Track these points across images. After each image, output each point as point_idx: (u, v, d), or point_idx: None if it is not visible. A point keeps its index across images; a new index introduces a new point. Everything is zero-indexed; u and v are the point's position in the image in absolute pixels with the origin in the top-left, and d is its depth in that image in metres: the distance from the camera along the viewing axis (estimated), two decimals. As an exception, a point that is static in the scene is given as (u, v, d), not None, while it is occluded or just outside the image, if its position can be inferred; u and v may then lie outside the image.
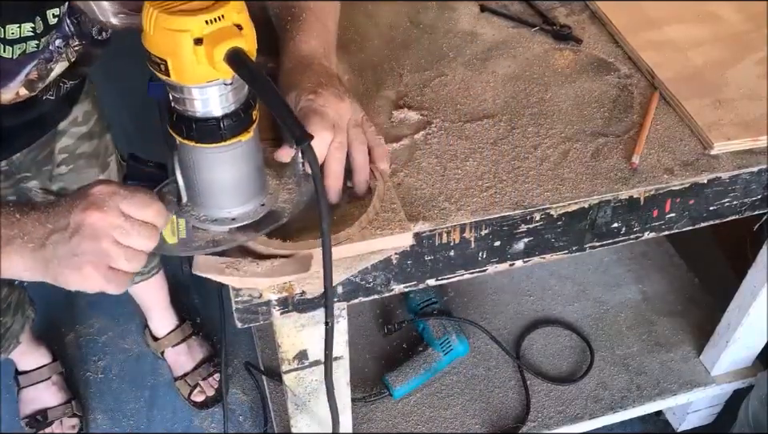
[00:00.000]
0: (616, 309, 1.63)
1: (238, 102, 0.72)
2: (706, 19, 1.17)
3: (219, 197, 0.78)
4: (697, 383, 1.50)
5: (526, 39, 1.15)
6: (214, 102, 0.70)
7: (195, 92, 0.70)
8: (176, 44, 0.65)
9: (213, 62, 0.65)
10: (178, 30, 0.65)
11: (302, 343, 0.94)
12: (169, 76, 0.67)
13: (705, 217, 0.99)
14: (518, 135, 0.98)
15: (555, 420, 1.44)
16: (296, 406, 1.04)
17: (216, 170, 0.76)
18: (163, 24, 0.65)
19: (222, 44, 0.65)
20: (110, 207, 0.71)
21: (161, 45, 0.66)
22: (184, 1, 0.66)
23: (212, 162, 0.75)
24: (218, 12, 0.65)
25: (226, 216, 0.79)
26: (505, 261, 0.93)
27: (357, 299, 0.89)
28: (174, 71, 0.67)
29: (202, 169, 0.76)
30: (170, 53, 0.66)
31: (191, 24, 0.65)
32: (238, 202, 0.79)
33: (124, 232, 0.71)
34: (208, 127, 0.72)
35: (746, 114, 1.00)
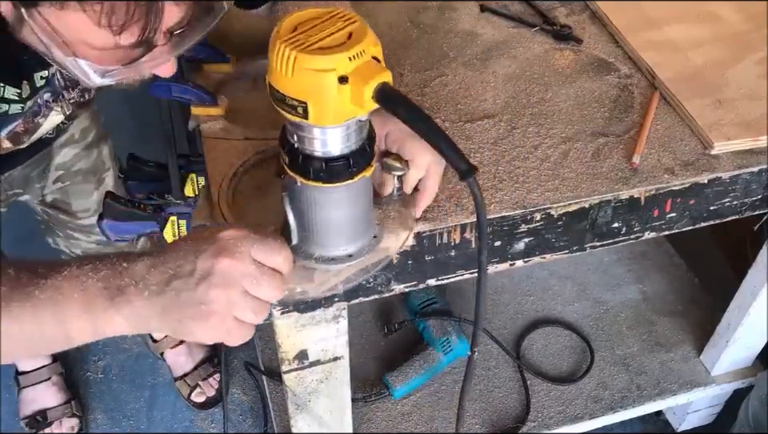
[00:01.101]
0: (616, 309, 1.63)
1: (363, 137, 0.69)
2: (706, 19, 1.17)
3: (338, 235, 0.76)
4: (697, 383, 1.50)
5: (526, 39, 1.15)
6: (345, 140, 0.67)
7: (330, 132, 0.66)
8: (320, 85, 0.61)
9: (360, 101, 0.62)
10: (322, 70, 0.60)
11: (302, 343, 0.94)
12: (307, 119, 0.63)
13: (705, 217, 0.99)
14: (518, 135, 0.98)
15: (555, 420, 1.44)
16: (296, 406, 1.04)
17: (339, 208, 0.73)
18: (305, 64, 0.60)
19: (371, 81, 0.61)
20: (242, 254, 0.66)
21: (301, 86, 0.61)
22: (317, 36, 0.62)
23: (336, 200, 0.72)
24: (359, 47, 0.61)
25: (343, 253, 0.77)
26: (505, 261, 0.93)
27: (357, 299, 0.89)
28: (315, 113, 0.62)
29: (324, 208, 0.73)
30: (312, 94, 0.61)
31: (336, 62, 0.60)
32: (357, 238, 0.77)
33: (254, 282, 0.66)
34: (338, 167, 0.68)
35: (746, 114, 1.00)
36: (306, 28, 0.63)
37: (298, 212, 0.74)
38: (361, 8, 1.19)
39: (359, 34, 0.63)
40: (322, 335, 0.94)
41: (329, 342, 0.96)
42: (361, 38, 0.62)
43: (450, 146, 0.64)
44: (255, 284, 0.67)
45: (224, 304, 0.66)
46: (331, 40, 0.62)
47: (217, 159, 0.93)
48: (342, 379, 1.03)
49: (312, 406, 1.05)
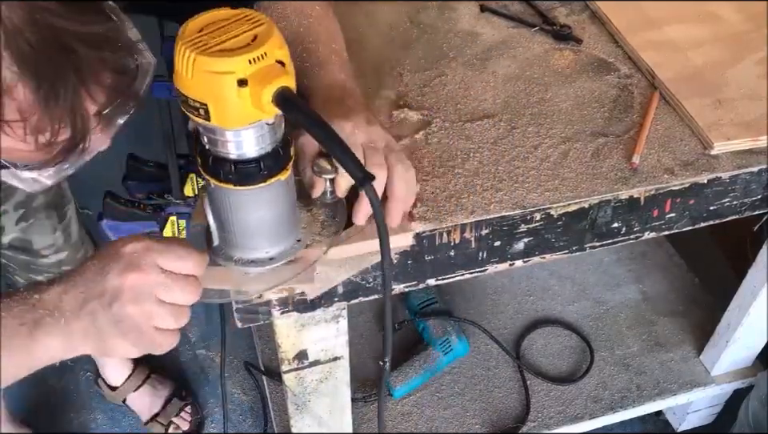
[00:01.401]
0: (616, 309, 1.63)
1: (275, 141, 0.68)
2: (706, 19, 1.17)
3: (257, 238, 0.75)
4: (697, 383, 1.50)
5: (526, 39, 1.15)
6: (253, 143, 0.66)
7: (235, 134, 0.65)
8: (219, 87, 0.60)
9: (260, 104, 0.61)
10: (220, 73, 0.60)
11: (301, 343, 0.94)
12: (209, 120, 0.62)
13: (705, 217, 0.99)
14: (518, 135, 0.98)
15: (555, 420, 1.44)
16: (296, 406, 1.04)
17: (255, 211, 0.72)
18: (203, 66, 0.60)
19: (270, 85, 0.61)
20: (148, 265, 0.66)
21: (200, 88, 0.61)
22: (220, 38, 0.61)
23: (251, 203, 0.71)
24: (260, 50, 0.61)
25: (264, 256, 0.76)
26: (505, 261, 0.93)
27: (357, 299, 0.89)
28: (216, 115, 0.62)
29: (240, 211, 0.72)
30: (212, 96, 0.61)
31: (235, 65, 0.60)
32: (277, 241, 0.77)
33: (167, 289, 0.66)
34: (247, 169, 0.67)
35: (746, 114, 1.00)
36: (212, 29, 0.62)
37: (217, 214, 0.74)
38: (361, 8, 1.19)
39: (264, 37, 0.62)
40: (321, 335, 0.94)
41: (329, 342, 0.96)
42: (264, 41, 0.62)
43: (346, 154, 0.64)
44: (168, 292, 0.67)
45: (141, 318, 0.66)
46: (234, 42, 0.61)
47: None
48: (342, 379, 1.03)
49: (312, 406, 1.05)
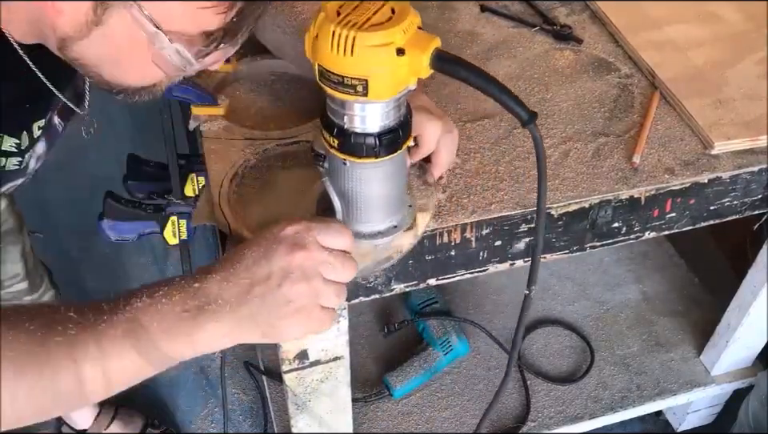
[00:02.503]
0: (616, 309, 1.63)
1: (405, 108, 0.72)
2: (706, 19, 1.17)
3: (385, 208, 0.78)
4: (697, 383, 1.50)
5: (526, 39, 1.15)
6: (396, 112, 0.70)
7: (384, 106, 0.69)
8: (380, 59, 0.64)
9: (418, 69, 0.65)
10: (382, 45, 0.63)
11: (302, 342, 0.94)
12: (367, 95, 0.65)
13: (705, 217, 0.99)
14: (519, 135, 0.98)
15: (555, 420, 1.44)
16: (296, 406, 1.04)
17: (388, 180, 0.76)
18: (365, 42, 0.63)
19: (427, 49, 0.65)
20: (312, 244, 0.68)
21: (360, 64, 0.64)
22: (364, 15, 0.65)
23: (386, 173, 0.75)
24: (407, 20, 0.65)
25: (389, 225, 0.80)
26: (505, 261, 0.93)
27: (357, 299, 0.89)
28: (374, 89, 0.65)
29: (373, 184, 0.75)
30: (373, 70, 0.64)
31: (393, 36, 0.64)
32: (400, 208, 0.80)
33: (331, 267, 0.69)
34: (391, 139, 0.71)
35: (746, 114, 1.00)
36: (349, 10, 0.66)
37: (344, 194, 0.77)
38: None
39: (402, 8, 0.66)
40: (322, 334, 0.94)
41: (329, 342, 0.96)
42: (405, 12, 0.66)
43: (509, 96, 0.66)
44: (332, 269, 0.69)
45: (309, 296, 0.68)
46: (379, 16, 0.65)
47: (217, 159, 0.93)
48: (342, 379, 1.03)
49: (312, 406, 1.05)
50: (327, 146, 0.73)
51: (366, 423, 1.43)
